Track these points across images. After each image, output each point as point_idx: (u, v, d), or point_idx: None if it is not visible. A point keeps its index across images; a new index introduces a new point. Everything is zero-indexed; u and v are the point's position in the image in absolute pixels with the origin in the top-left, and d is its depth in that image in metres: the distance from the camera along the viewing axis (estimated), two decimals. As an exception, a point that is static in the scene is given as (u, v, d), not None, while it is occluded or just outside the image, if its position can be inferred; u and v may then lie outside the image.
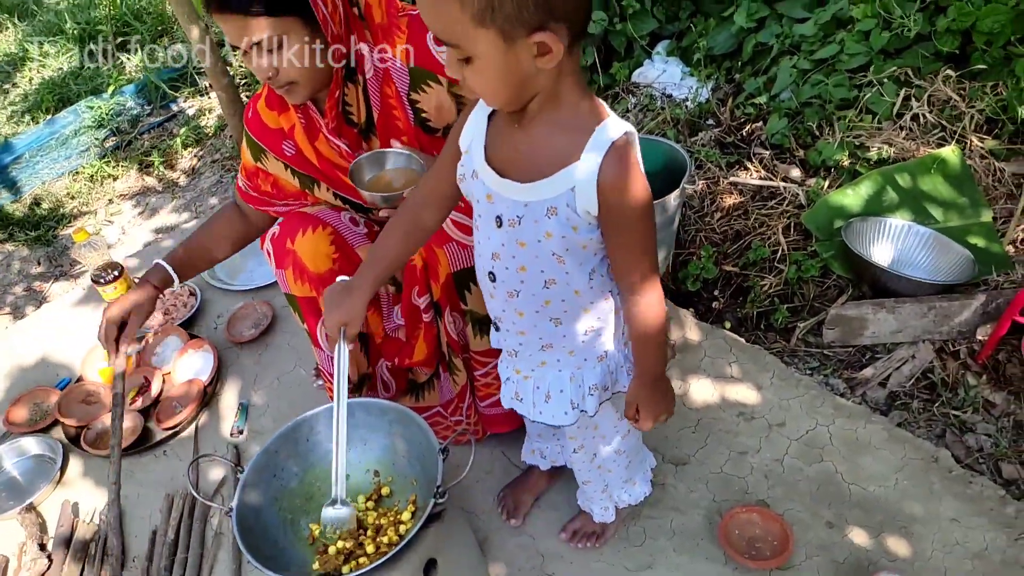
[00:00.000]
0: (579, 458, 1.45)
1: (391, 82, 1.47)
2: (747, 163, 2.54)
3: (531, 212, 1.04)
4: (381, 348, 1.74)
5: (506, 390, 1.33)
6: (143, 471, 1.99)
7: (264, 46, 1.31)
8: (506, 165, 1.06)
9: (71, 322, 2.58)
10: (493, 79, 0.94)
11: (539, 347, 1.23)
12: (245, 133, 1.65)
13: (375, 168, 1.47)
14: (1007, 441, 1.72)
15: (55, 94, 3.98)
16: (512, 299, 1.18)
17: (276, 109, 1.57)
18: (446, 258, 1.48)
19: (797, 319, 2.12)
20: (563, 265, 1.09)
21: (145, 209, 3.27)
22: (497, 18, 0.86)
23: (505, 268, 1.14)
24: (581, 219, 1.03)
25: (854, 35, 2.52)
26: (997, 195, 2.20)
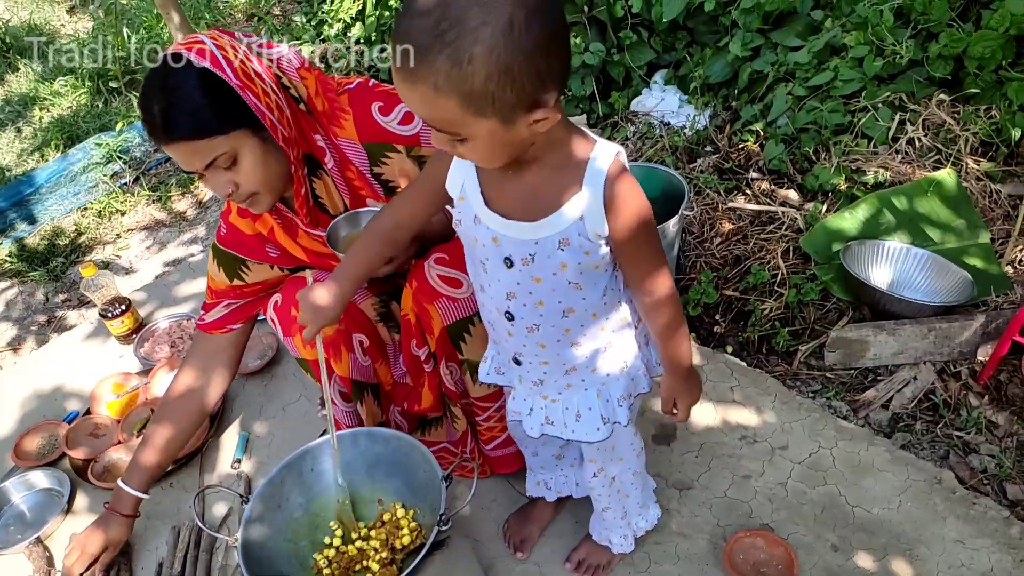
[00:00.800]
0: (598, 483, 1.45)
1: (351, 165, 1.48)
2: (745, 189, 2.57)
3: (543, 249, 1.06)
4: (391, 394, 1.76)
5: (533, 421, 1.33)
6: (150, 504, 1.98)
7: (219, 164, 1.31)
8: (509, 208, 1.07)
9: (80, 355, 2.60)
10: (490, 152, 0.97)
11: (563, 372, 1.25)
12: (215, 254, 1.64)
13: (351, 227, 1.49)
14: (1011, 461, 1.72)
15: (64, 132, 4.06)
16: (533, 333, 1.20)
17: (249, 216, 1.58)
18: (438, 313, 1.49)
19: (798, 342, 2.13)
20: (580, 291, 1.12)
21: (153, 243, 3.32)
22: (498, 107, 0.88)
23: (523, 305, 1.16)
24: (592, 243, 1.06)
25: (848, 62, 2.56)
26: (994, 216, 2.22)
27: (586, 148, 1.03)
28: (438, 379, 1.65)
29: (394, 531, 1.43)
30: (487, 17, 0.82)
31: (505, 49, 0.83)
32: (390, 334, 1.73)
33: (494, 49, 0.83)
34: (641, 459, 1.48)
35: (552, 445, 1.58)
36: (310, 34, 4.09)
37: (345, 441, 1.53)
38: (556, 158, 1.03)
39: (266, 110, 1.29)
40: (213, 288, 1.68)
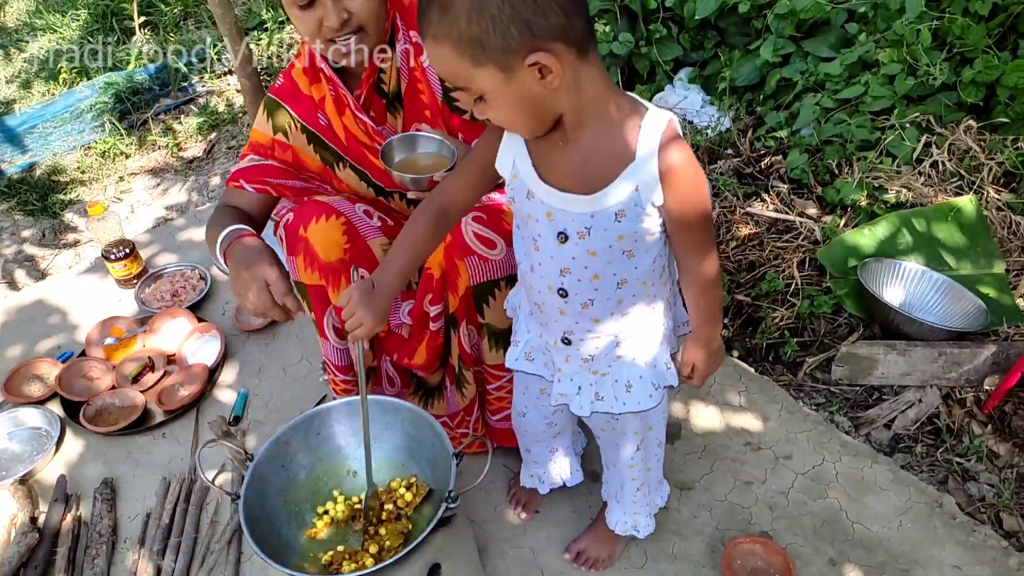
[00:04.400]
0: (639, 458, 1.44)
1: (420, 54, 1.49)
2: (764, 195, 2.56)
3: (599, 221, 1.05)
4: (384, 342, 1.73)
5: (583, 399, 1.31)
6: (140, 452, 1.97)
7: None
8: (563, 180, 1.06)
9: (76, 295, 2.55)
10: (509, 110, 0.98)
11: (614, 345, 1.24)
12: (266, 104, 1.59)
13: (406, 151, 1.48)
14: (1009, 492, 1.73)
15: (71, 67, 3.96)
16: (587, 309, 1.19)
17: (310, 78, 1.55)
18: (467, 271, 1.47)
19: (806, 354, 2.13)
20: (633, 259, 1.11)
21: (156, 188, 3.26)
22: (489, 53, 0.90)
23: (578, 281, 1.14)
24: (648, 213, 1.05)
25: (879, 78, 2.55)
26: (1011, 248, 2.22)
27: (637, 115, 1.01)
28: (439, 340, 1.63)
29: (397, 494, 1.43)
30: None
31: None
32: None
33: None
34: (665, 426, 1.47)
35: (546, 439, 1.58)
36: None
37: (353, 408, 1.50)
38: (605, 126, 1.01)
39: None
40: (252, 141, 1.63)
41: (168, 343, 2.22)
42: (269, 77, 3.81)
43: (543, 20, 0.88)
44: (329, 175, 1.64)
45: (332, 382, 1.72)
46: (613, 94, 1.01)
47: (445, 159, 1.44)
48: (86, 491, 1.88)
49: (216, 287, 2.49)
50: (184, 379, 2.09)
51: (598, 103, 1.00)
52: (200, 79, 3.94)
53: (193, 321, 2.26)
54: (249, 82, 3.13)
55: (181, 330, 2.24)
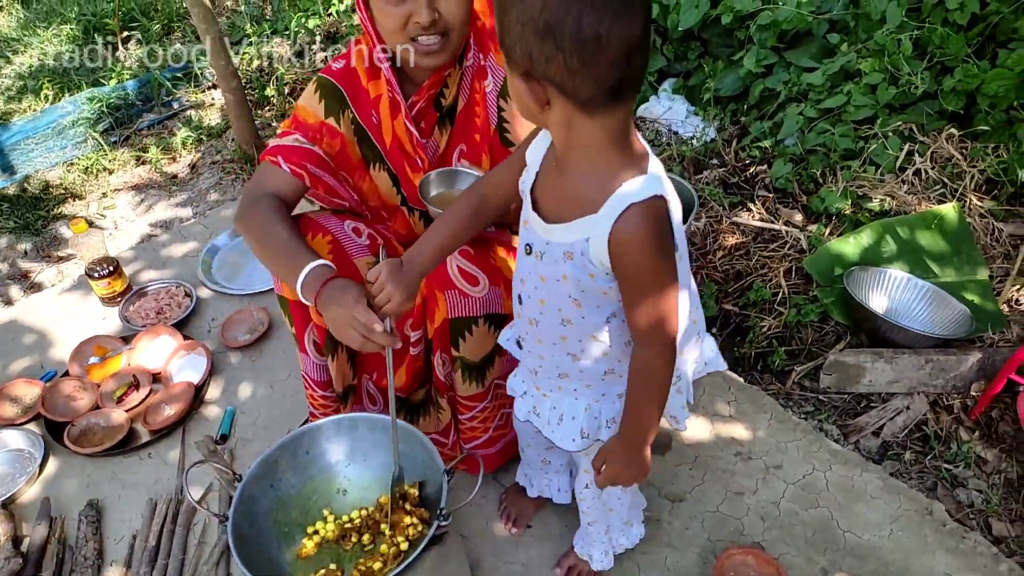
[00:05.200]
0: (589, 494, 1.44)
1: (483, 78, 1.48)
2: (750, 204, 2.58)
3: (551, 251, 1.05)
4: (365, 361, 1.72)
5: (524, 404, 1.32)
6: (126, 472, 1.94)
7: None
8: (542, 200, 1.08)
9: (59, 313, 2.53)
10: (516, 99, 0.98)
11: (556, 374, 1.23)
12: (320, 84, 1.52)
13: (444, 186, 1.47)
14: (998, 498, 1.74)
15: (56, 82, 3.94)
16: (532, 327, 1.18)
17: (370, 72, 1.51)
18: (445, 304, 1.45)
19: (794, 362, 2.14)
20: (579, 308, 1.09)
21: (140, 204, 3.23)
22: (509, 52, 0.92)
23: (528, 296, 1.15)
24: (597, 268, 1.01)
25: (861, 88, 2.57)
26: (994, 254, 2.24)
27: (624, 176, 0.96)
28: (419, 364, 1.62)
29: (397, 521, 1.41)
30: None
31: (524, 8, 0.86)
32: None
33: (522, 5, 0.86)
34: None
35: (538, 447, 1.58)
36: (317, 7, 4.02)
37: (343, 426, 1.49)
38: (590, 173, 0.98)
39: None
40: (298, 119, 1.54)
41: (153, 361, 2.20)
42: (254, 91, 3.80)
43: (550, 67, 0.88)
44: (363, 173, 1.59)
45: (311, 398, 1.71)
46: (616, 142, 0.96)
47: None
48: (71, 513, 1.85)
49: (201, 304, 2.47)
50: (169, 398, 2.06)
51: (588, 151, 0.97)
52: (184, 93, 3.93)
53: (178, 338, 2.24)
54: (233, 96, 3.12)
55: (166, 348, 2.22)
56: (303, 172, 1.49)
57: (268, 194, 1.48)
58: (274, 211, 1.43)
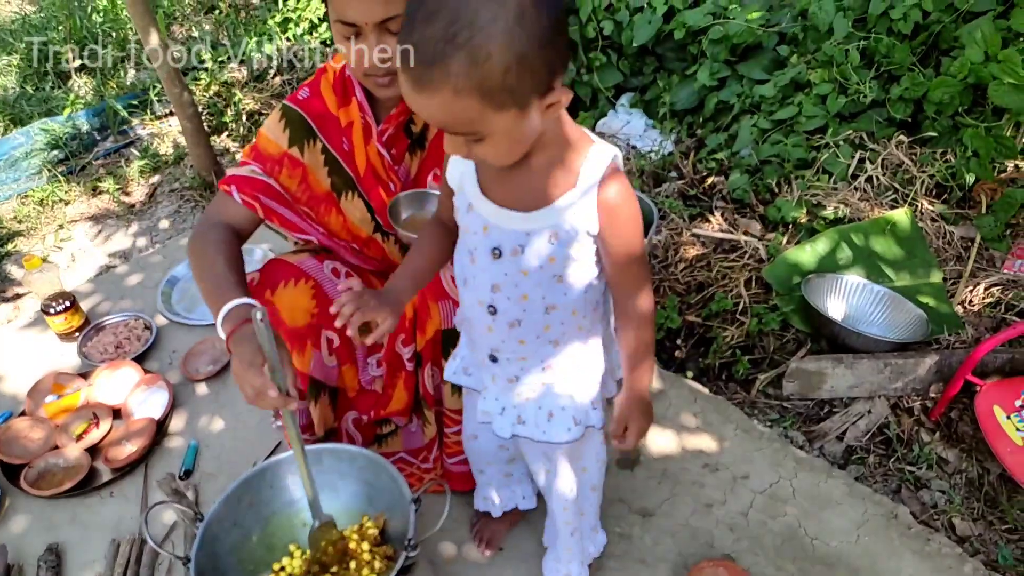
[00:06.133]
0: (571, 501, 1.42)
1: None
2: (709, 215, 2.61)
3: (533, 240, 1.07)
4: (355, 401, 1.70)
5: (505, 421, 1.30)
6: (88, 513, 1.90)
7: (391, 28, 1.28)
8: (505, 197, 1.08)
9: (15, 351, 2.46)
10: (507, 147, 0.97)
11: (540, 369, 1.24)
12: (285, 112, 1.51)
13: (413, 208, 1.46)
14: (960, 498, 1.77)
15: (5, 114, 3.86)
16: (514, 328, 1.18)
17: (339, 98, 1.50)
18: (439, 314, 1.46)
19: (757, 371, 2.16)
20: (562, 285, 1.12)
21: (98, 235, 3.18)
22: (516, 98, 0.89)
23: (507, 299, 1.15)
24: (582, 239, 1.06)
25: (812, 98, 2.63)
26: (947, 257, 2.30)
27: (584, 145, 1.04)
28: (415, 381, 1.61)
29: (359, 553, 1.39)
30: (498, 11, 0.83)
31: (519, 39, 0.84)
32: (361, 338, 1.67)
33: (510, 42, 0.84)
34: (602, 472, 1.47)
35: (500, 462, 1.57)
36: (273, 31, 4.00)
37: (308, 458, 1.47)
38: (553, 152, 1.03)
39: None
40: (258, 148, 1.52)
41: (113, 397, 2.15)
42: (212, 116, 3.76)
43: (560, 58, 0.91)
44: (331, 204, 1.56)
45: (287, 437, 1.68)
46: (567, 124, 1.04)
47: None
48: (29, 560, 1.80)
49: (162, 335, 2.43)
50: (131, 434, 2.02)
51: (556, 128, 1.02)
52: (141, 122, 3.87)
53: (139, 372, 2.19)
54: (191, 124, 3.09)
55: (126, 383, 2.18)
56: (255, 204, 1.48)
57: (219, 224, 1.47)
58: (218, 242, 1.42)
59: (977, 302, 2.17)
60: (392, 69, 1.34)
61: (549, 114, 0.95)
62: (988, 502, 1.77)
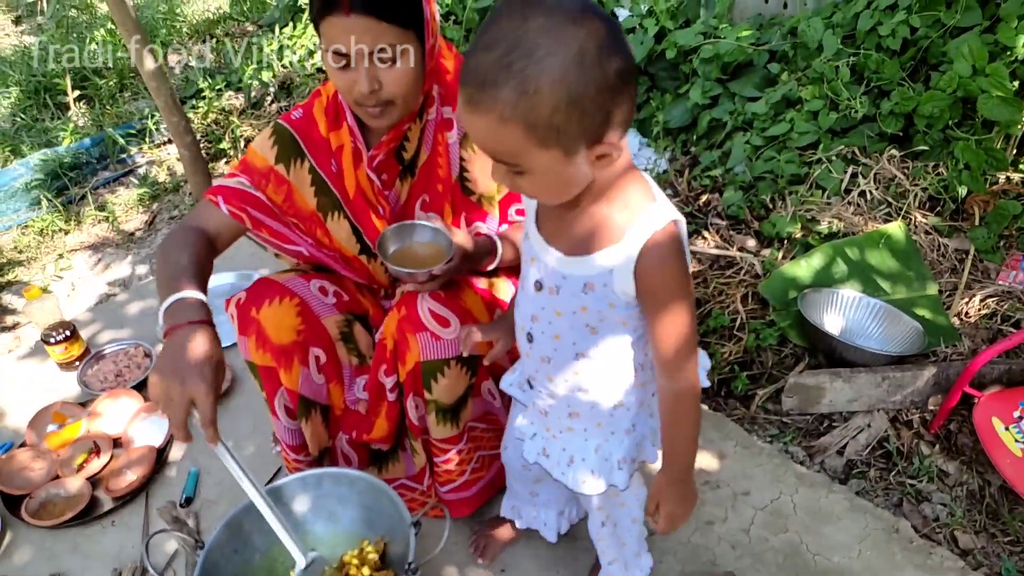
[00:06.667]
0: (607, 533, 1.42)
1: (447, 130, 1.49)
2: (704, 232, 2.62)
3: (569, 285, 1.06)
4: (340, 420, 1.71)
5: (533, 446, 1.31)
6: (89, 543, 1.89)
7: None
8: (552, 234, 1.08)
9: (15, 382, 2.47)
10: (550, 187, 0.97)
11: (567, 414, 1.23)
12: (276, 130, 1.54)
13: (401, 240, 1.47)
14: (961, 511, 1.77)
15: (5, 145, 3.90)
16: (544, 364, 1.19)
17: (331, 121, 1.52)
18: (417, 346, 1.46)
19: (756, 387, 2.17)
20: (595, 338, 1.10)
21: (97, 264, 3.19)
22: (562, 139, 0.88)
23: (542, 332, 1.15)
24: (618, 298, 1.04)
25: (803, 114, 2.66)
26: (942, 269, 2.31)
27: (643, 202, 1.01)
28: (397, 411, 1.61)
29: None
30: (556, 47, 0.83)
31: (574, 80, 0.84)
32: (348, 356, 1.67)
33: (563, 79, 0.84)
34: (641, 504, 1.44)
35: (526, 481, 1.57)
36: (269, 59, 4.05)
37: (308, 483, 1.48)
38: (605, 204, 1.01)
39: (428, 31, 1.33)
40: (247, 162, 1.54)
41: (113, 426, 2.16)
42: (210, 144, 3.80)
43: (620, 111, 0.90)
44: (317, 223, 1.58)
45: (285, 460, 1.69)
46: (633, 176, 1.02)
47: (442, 248, 1.42)
48: (32, 590, 1.80)
49: (162, 363, 2.44)
50: (131, 462, 2.02)
51: (614, 180, 1.00)
52: (139, 150, 3.91)
53: (139, 401, 2.20)
54: (188, 152, 3.12)
55: (126, 411, 2.18)
56: (243, 215, 1.50)
57: (194, 228, 1.48)
58: (187, 243, 1.42)
59: (973, 314, 2.18)
60: (382, 99, 1.35)
61: (600, 165, 0.94)
62: (990, 514, 1.77)
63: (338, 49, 1.28)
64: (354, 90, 1.33)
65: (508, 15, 0.86)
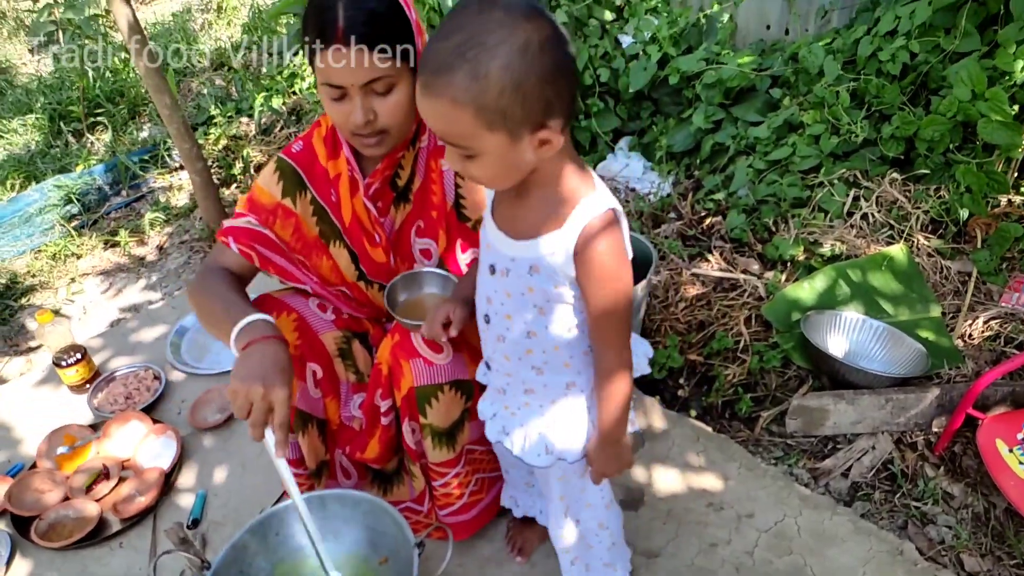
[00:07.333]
0: (565, 523, 1.44)
1: (440, 156, 1.52)
2: (708, 255, 2.64)
3: (516, 267, 1.13)
4: (336, 435, 1.72)
5: (493, 427, 1.37)
6: (97, 564, 1.91)
7: (375, 87, 1.32)
8: (503, 220, 1.16)
9: (27, 404, 2.50)
10: (497, 171, 1.04)
11: (522, 391, 1.29)
12: (279, 164, 1.57)
13: (410, 291, 1.48)
14: (967, 533, 1.76)
15: (21, 172, 3.97)
16: (500, 343, 1.25)
17: (329, 151, 1.55)
18: (411, 372, 1.48)
19: (760, 408, 2.17)
20: (544, 317, 1.17)
21: (109, 288, 3.24)
22: (507, 123, 0.97)
23: (495, 313, 1.22)
24: (562, 280, 1.11)
25: (805, 139, 2.68)
26: (945, 291, 2.32)
27: (583, 192, 1.08)
28: (391, 434, 1.63)
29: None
30: (505, 37, 0.93)
31: (519, 67, 0.93)
32: (346, 372, 1.70)
33: (509, 66, 0.93)
34: (612, 515, 1.48)
35: (521, 469, 1.60)
36: (281, 86, 4.12)
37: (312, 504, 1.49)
38: (549, 190, 1.09)
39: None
40: (253, 199, 1.57)
41: (122, 448, 2.18)
42: (221, 169, 3.86)
43: (561, 102, 0.99)
44: (322, 250, 1.61)
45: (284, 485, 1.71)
46: (574, 166, 1.09)
47: None
48: (40, 611, 1.81)
49: (171, 386, 2.47)
50: (140, 485, 2.04)
51: (557, 169, 1.08)
52: (151, 175, 3.97)
53: (148, 423, 2.22)
54: (200, 177, 3.17)
55: (135, 434, 2.21)
56: (252, 253, 1.53)
57: (220, 269, 1.53)
58: (221, 281, 1.47)
59: (977, 335, 2.19)
60: (378, 129, 1.38)
61: (542, 152, 1.02)
62: (996, 537, 1.76)
63: (333, 82, 1.32)
64: (350, 121, 1.36)
65: (467, 9, 0.96)
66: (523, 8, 0.95)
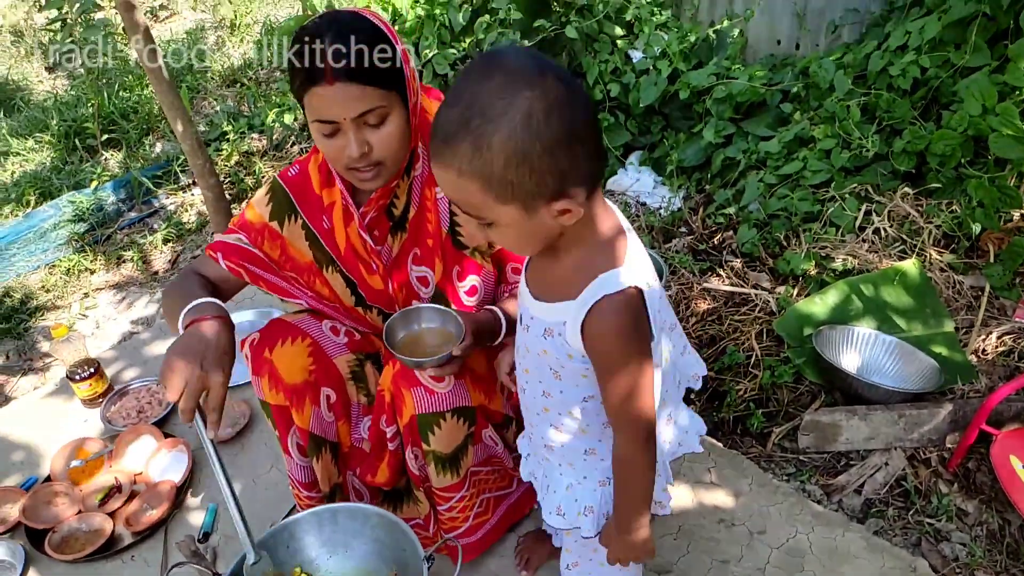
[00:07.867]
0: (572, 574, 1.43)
1: (435, 185, 1.51)
2: (719, 270, 2.64)
3: (535, 326, 1.11)
4: (347, 457, 1.73)
5: (527, 465, 1.37)
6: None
7: (368, 120, 1.31)
8: (532, 274, 1.15)
9: (41, 418, 2.52)
10: (517, 240, 1.02)
11: (543, 445, 1.27)
12: (273, 187, 1.57)
13: (408, 328, 1.48)
14: (981, 550, 1.74)
15: (37, 188, 4.01)
16: (522, 394, 1.25)
17: (324, 178, 1.55)
18: (412, 400, 1.48)
19: (772, 424, 2.16)
20: (559, 383, 1.13)
21: (121, 303, 3.26)
22: (518, 194, 0.93)
23: (519, 364, 1.22)
24: (573, 350, 1.06)
25: (816, 153, 2.69)
26: (958, 306, 2.30)
27: (606, 264, 1.01)
28: (399, 457, 1.64)
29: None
30: (508, 108, 0.88)
31: (523, 139, 0.88)
32: (358, 395, 1.70)
33: (512, 137, 0.88)
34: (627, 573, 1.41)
35: None
36: (292, 102, 4.15)
37: (323, 517, 1.50)
38: (576, 257, 1.04)
39: (409, 90, 1.35)
40: (244, 218, 1.58)
41: (134, 462, 2.19)
42: (233, 185, 3.89)
43: (576, 171, 0.93)
44: (315, 274, 1.61)
45: (297, 498, 1.72)
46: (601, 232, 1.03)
47: (451, 334, 1.43)
48: (51, 625, 1.81)
49: (183, 399, 2.47)
50: (151, 499, 2.05)
51: (583, 236, 1.02)
52: (165, 192, 4.01)
53: (159, 437, 2.24)
54: (212, 193, 3.20)
55: (147, 448, 2.21)
56: (241, 271, 1.54)
57: (196, 272, 1.56)
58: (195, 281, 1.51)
59: (990, 351, 2.17)
60: (373, 161, 1.36)
61: (564, 220, 0.97)
62: (1011, 554, 1.74)
63: (325, 118, 1.31)
64: (344, 155, 1.34)
65: (473, 73, 0.92)
66: (527, 72, 0.89)
